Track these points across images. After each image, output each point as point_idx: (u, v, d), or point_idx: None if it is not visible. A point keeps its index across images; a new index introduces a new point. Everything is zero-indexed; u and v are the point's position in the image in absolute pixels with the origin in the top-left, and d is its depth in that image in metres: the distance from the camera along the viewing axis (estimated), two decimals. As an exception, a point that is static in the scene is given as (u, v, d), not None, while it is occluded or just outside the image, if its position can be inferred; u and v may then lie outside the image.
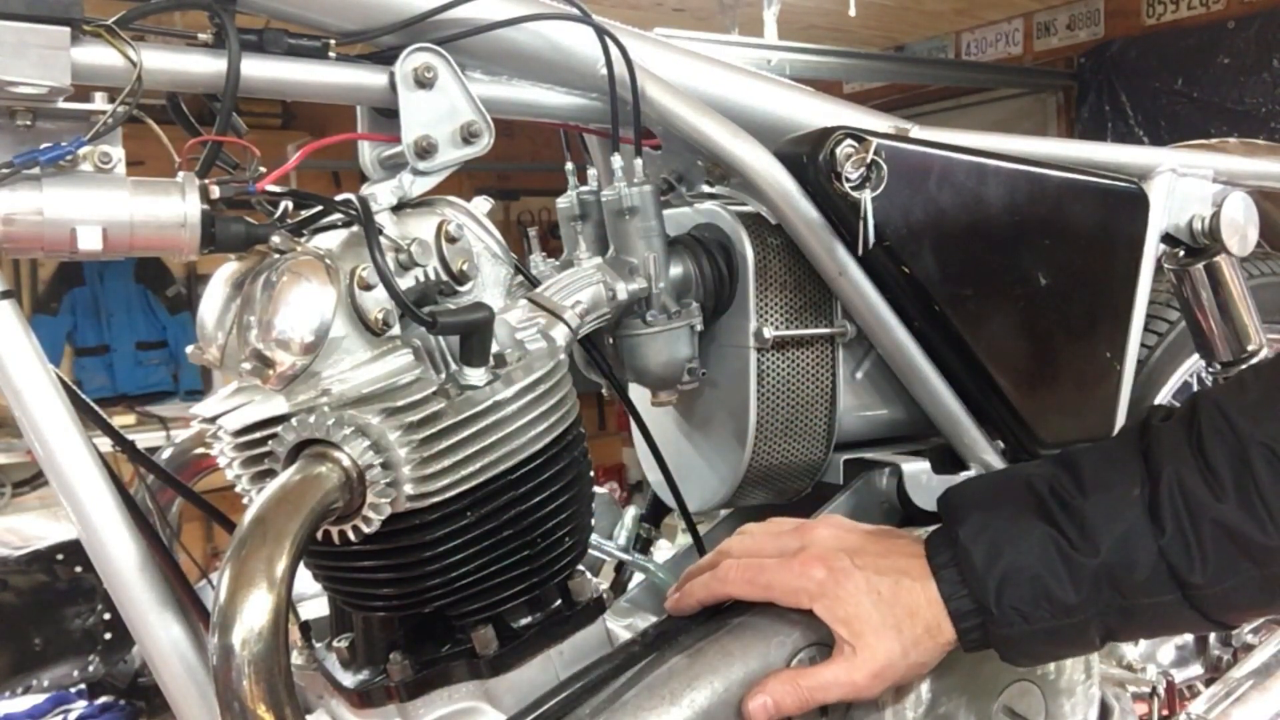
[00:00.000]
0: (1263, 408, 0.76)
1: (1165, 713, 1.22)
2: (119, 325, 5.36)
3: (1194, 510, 0.74)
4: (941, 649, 0.79)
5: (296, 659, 0.85)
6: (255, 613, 0.61)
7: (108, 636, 2.19)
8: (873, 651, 0.77)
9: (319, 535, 0.70)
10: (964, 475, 1.02)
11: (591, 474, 0.87)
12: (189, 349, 0.79)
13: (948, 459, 1.04)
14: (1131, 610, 0.76)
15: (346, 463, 0.68)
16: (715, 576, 0.83)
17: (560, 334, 0.82)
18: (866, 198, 0.89)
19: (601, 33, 0.88)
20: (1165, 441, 0.78)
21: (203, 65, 0.74)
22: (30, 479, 4.44)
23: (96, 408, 0.78)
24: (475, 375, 0.75)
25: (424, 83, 0.79)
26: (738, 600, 0.83)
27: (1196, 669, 1.40)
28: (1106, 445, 0.82)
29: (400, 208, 0.81)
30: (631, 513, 1.17)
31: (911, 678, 0.80)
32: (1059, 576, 0.75)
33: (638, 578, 1.09)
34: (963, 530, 0.78)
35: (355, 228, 0.77)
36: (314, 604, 0.89)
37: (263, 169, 0.75)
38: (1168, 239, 1.19)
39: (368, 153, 0.85)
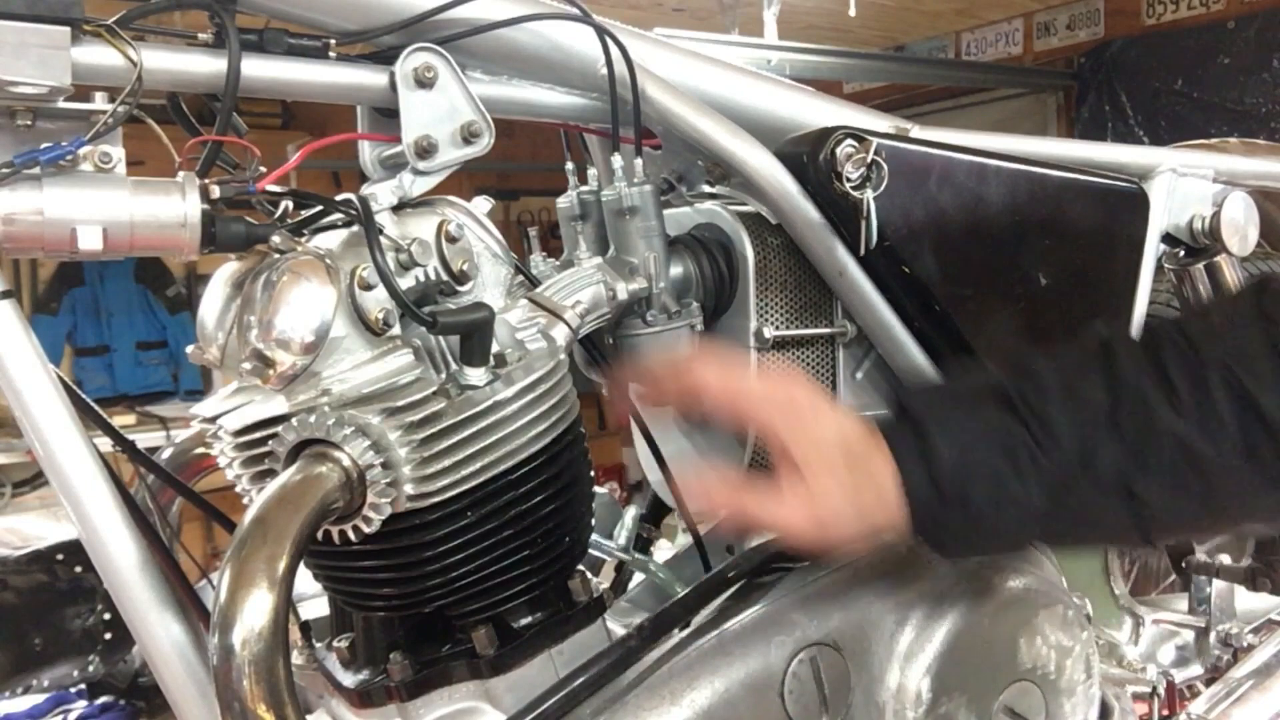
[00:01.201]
0: (1223, 329, 0.77)
1: (1165, 713, 1.22)
2: (119, 325, 5.35)
3: (1153, 422, 0.75)
4: (880, 526, 0.78)
5: (296, 659, 0.85)
6: (255, 613, 0.61)
7: (108, 636, 2.19)
8: (822, 497, 0.76)
9: (319, 535, 0.70)
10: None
11: (591, 474, 0.87)
12: (189, 349, 0.79)
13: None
14: (1079, 516, 0.78)
15: (347, 463, 0.68)
16: (689, 369, 0.82)
17: (560, 334, 0.82)
18: (868, 197, 0.89)
19: (601, 32, 0.88)
20: (1127, 357, 0.79)
21: (203, 65, 0.74)
22: (30, 479, 4.44)
23: (96, 408, 0.78)
24: (475, 375, 0.75)
25: (424, 83, 0.79)
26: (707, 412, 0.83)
27: (1196, 669, 1.40)
28: (1069, 357, 0.81)
29: (400, 208, 0.81)
30: (631, 513, 1.17)
31: (844, 548, 0.79)
32: (1022, 474, 0.76)
33: (638, 578, 1.09)
34: (929, 419, 0.78)
35: (355, 228, 0.77)
36: (314, 604, 0.89)
37: (263, 169, 0.75)
38: (1168, 239, 1.19)
39: (368, 153, 0.85)
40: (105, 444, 0.78)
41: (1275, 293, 0.77)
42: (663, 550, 1.17)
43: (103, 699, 2.33)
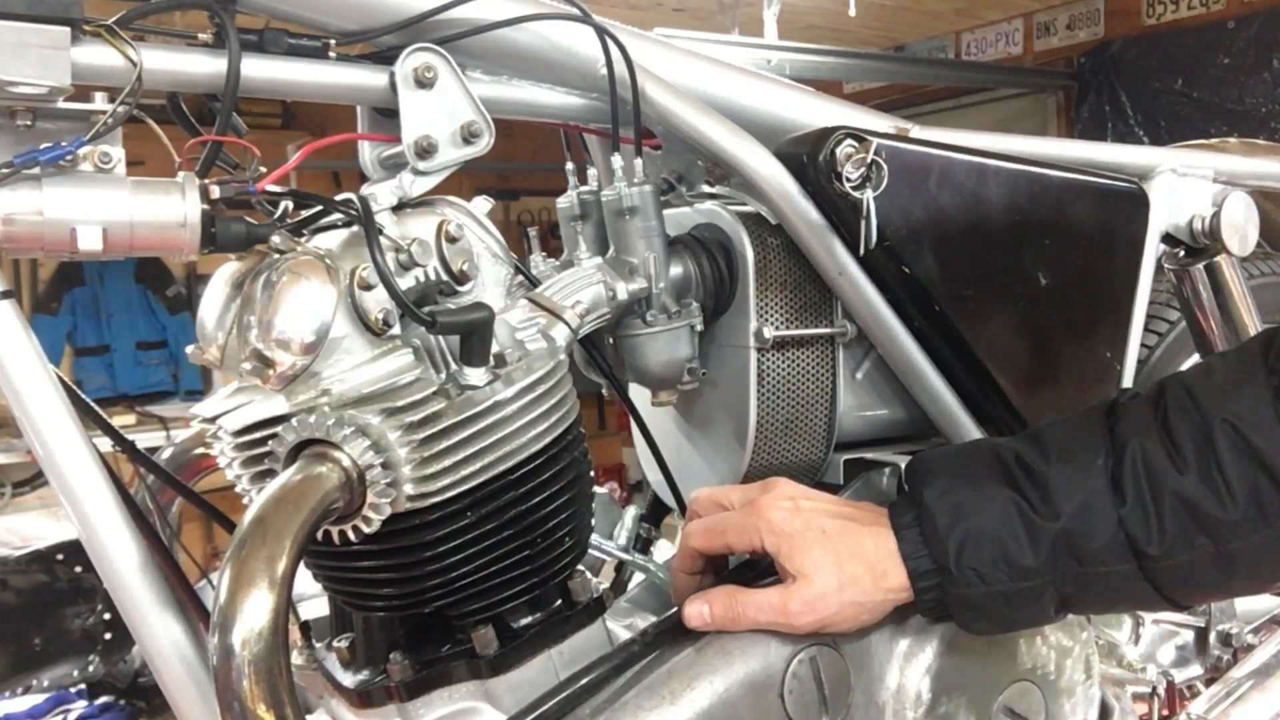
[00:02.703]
0: (1228, 388, 0.76)
1: (1165, 713, 1.22)
2: (119, 325, 5.36)
3: (1155, 482, 0.75)
4: (885, 596, 0.79)
5: (296, 659, 0.85)
6: (255, 613, 0.61)
7: (108, 636, 2.19)
8: (808, 581, 0.78)
9: (319, 535, 0.70)
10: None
11: (591, 474, 0.87)
12: (189, 349, 0.79)
13: (948, 459, 1.03)
14: (1088, 579, 0.76)
15: (346, 463, 0.68)
16: (680, 543, 0.86)
17: (560, 334, 0.82)
18: (869, 197, 0.89)
19: (601, 32, 0.88)
20: (1131, 417, 0.78)
21: (203, 65, 0.74)
22: (30, 479, 4.44)
23: (96, 408, 0.78)
24: (475, 375, 0.75)
25: (424, 83, 0.79)
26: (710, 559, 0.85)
27: (1196, 669, 1.40)
28: (1073, 420, 0.82)
29: (400, 208, 0.81)
30: (631, 513, 1.17)
31: (849, 619, 0.80)
32: (1019, 539, 0.76)
33: (638, 578, 1.09)
34: (927, 492, 0.79)
35: (355, 228, 0.77)
36: (314, 604, 0.89)
37: (263, 169, 0.75)
38: (1168, 239, 1.19)
39: (368, 153, 0.85)
40: (105, 444, 0.78)
41: None
42: (663, 550, 1.17)
43: (103, 699, 2.33)
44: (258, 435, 0.72)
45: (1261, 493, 0.72)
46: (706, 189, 1.03)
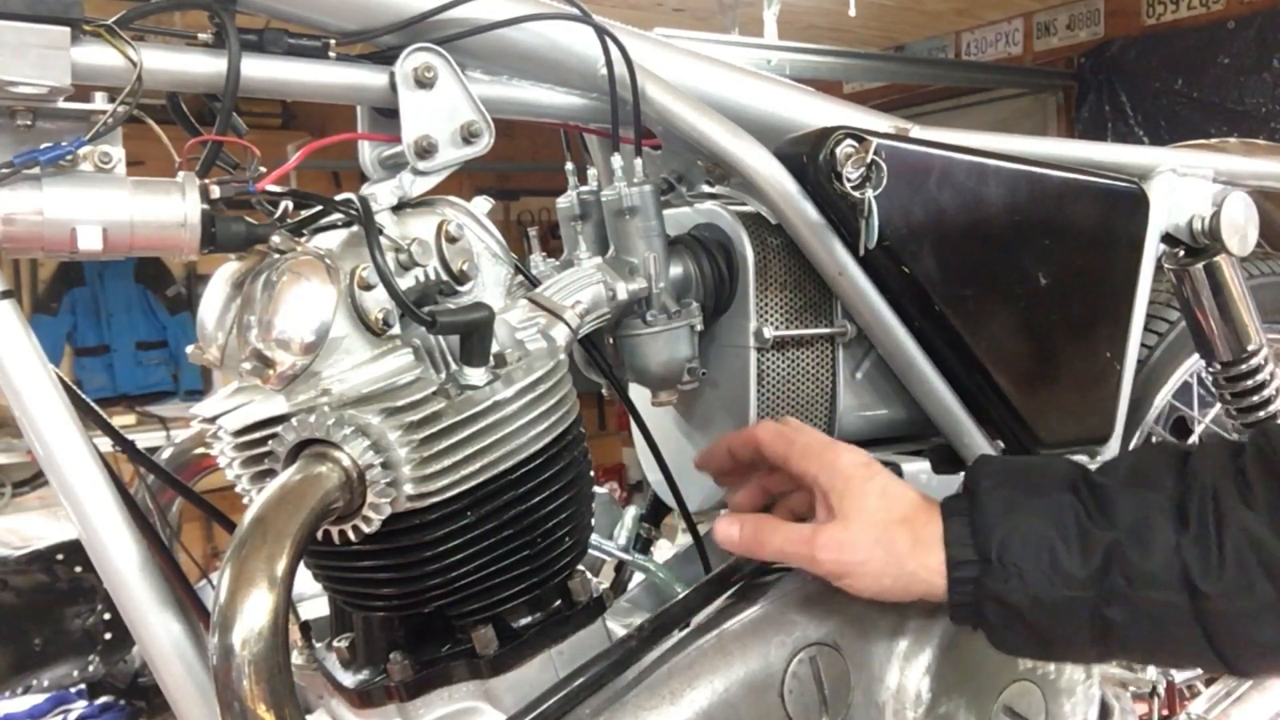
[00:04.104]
0: None
1: (1165, 713, 1.22)
2: (119, 325, 5.36)
3: (1222, 514, 0.71)
4: (916, 570, 0.76)
5: (296, 659, 0.85)
6: (255, 613, 0.61)
7: (108, 636, 2.19)
8: (847, 523, 0.77)
9: (319, 535, 0.70)
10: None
11: (591, 474, 0.87)
12: (189, 349, 0.79)
13: (947, 459, 1.03)
14: (1134, 604, 0.72)
15: (346, 462, 0.68)
16: (745, 430, 0.87)
17: (560, 334, 0.82)
18: (868, 197, 0.89)
19: (601, 32, 0.88)
20: (1207, 455, 0.76)
21: (203, 65, 0.74)
22: (30, 479, 4.44)
23: (96, 408, 0.78)
24: (475, 375, 0.75)
25: (424, 83, 0.79)
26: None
27: (1196, 669, 1.40)
28: (1147, 449, 0.81)
29: (400, 208, 0.81)
30: (631, 513, 1.17)
31: (869, 578, 0.77)
32: (1069, 543, 0.72)
33: (638, 578, 1.09)
34: (984, 484, 0.77)
35: (355, 228, 0.77)
36: (314, 604, 0.89)
37: (263, 169, 0.75)
38: (1168, 239, 1.19)
39: (368, 153, 0.85)
40: (105, 444, 0.78)
41: None
42: (663, 550, 1.17)
43: (103, 699, 2.33)
44: (258, 435, 0.72)
45: None
46: (706, 189, 1.03)
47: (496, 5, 0.84)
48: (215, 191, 0.72)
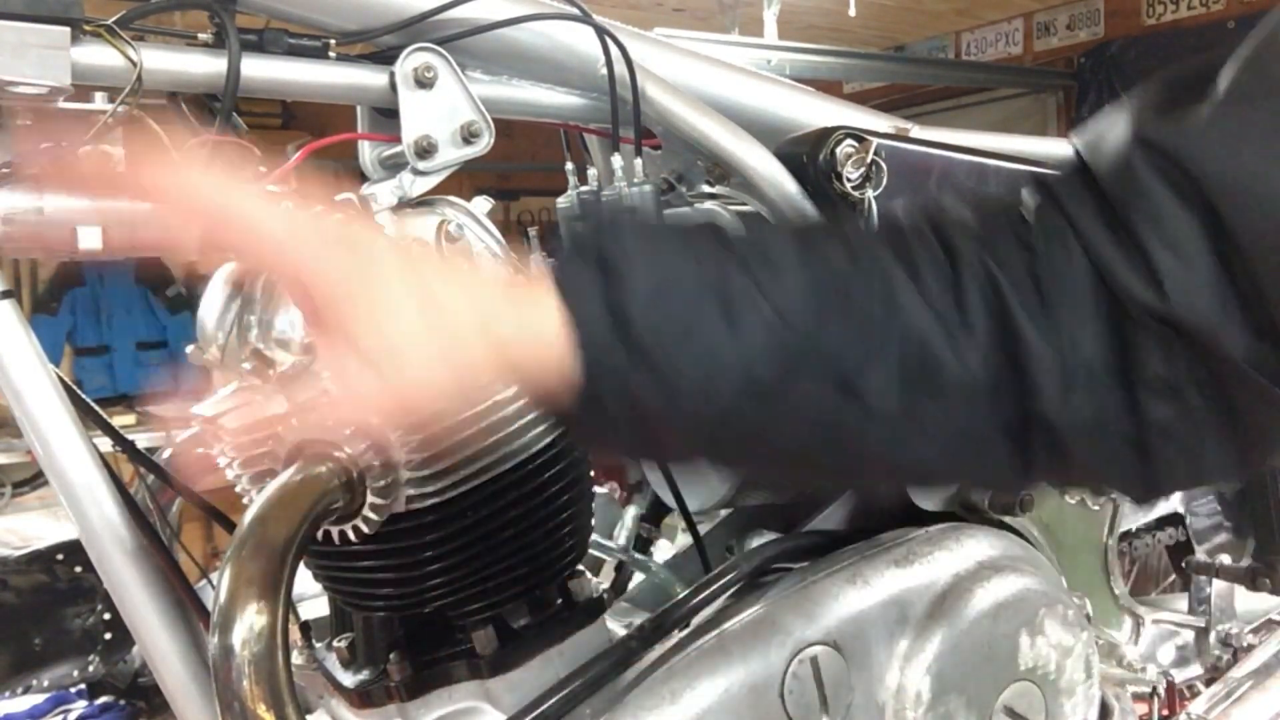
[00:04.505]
0: (986, 232, 0.63)
1: (1165, 713, 1.22)
2: (119, 325, 5.35)
3: (892, 303, 0.57)
4: (524, 372, 0.54)
5: (296, 659, 0.85)
6: (255, 613, 0.61)
7: (108, 636, 2.19)
8: (389, 355, 0.51)
9: (319, 535, 0.70)
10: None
11: (591, 474, 0.87)
12: (189, 349, 0.79)
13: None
14: (788, 394, 0.55)
15: (347, 462, 0.68)
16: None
17: (560, 334, 0.82)
18: (869, 197, 0.88)
19: (601, 32, 0.88)
20: (866, 233, 0.67)
21: (203, 65, 0.74)
22: (30, 479, 4.44)
23: (96, 408, 0.78)
24: (475, 375, 0.74)
25: (424, 83, 0.79)
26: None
27: (1196, 669, 1.40)
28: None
29: (400, 208, 0.81)
30: (631, 513, 1.17)
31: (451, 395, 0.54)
32: (735, 321, 0.54)
33: (638, 578, 1.09)
34: (619, 255, 0.54)
35: (355, 228, 0.77)
36: (314, 604, 0.89)
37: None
38: (1168, 239, 1.18)
39: (368, 153, 0.85)
40: (105, 444, 0.78)
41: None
42: (663, 550, 1.17)
43: (103, 699, 2.33)
44: (258, 435, 0.72)
45: (1003, 351, 0.56)
46: (706, 189, 1.03)
47: (496, 5, 0.84)
48: (215, 191, 0.72)
